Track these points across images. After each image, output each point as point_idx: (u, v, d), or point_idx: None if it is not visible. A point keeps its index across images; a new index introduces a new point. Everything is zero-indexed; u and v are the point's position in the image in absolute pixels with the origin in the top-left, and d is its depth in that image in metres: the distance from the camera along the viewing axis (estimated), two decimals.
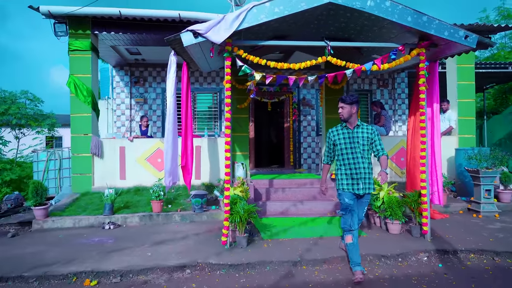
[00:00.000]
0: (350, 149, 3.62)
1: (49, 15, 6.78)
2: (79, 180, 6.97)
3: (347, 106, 3.60)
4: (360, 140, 3.62)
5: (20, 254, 4.26)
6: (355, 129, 3.66)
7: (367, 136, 3.65)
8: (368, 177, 3.62)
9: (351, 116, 3.63)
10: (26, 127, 12.30)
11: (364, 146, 3.62)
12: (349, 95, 3.67)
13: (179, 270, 3.77)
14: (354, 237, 3.60)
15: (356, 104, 3.62)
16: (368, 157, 3.65)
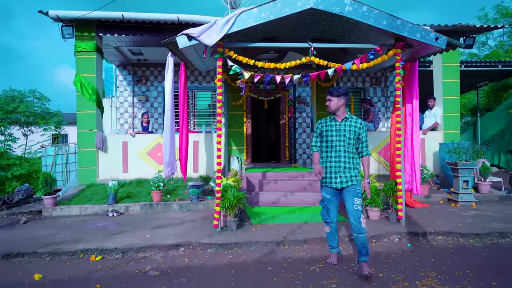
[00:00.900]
0: (335, 141, 3.55)
1: (57, 19, 7.26)
2: (85, 173, 7.46)
3: (334, 99, 3.54)
4: (347, 133, 3.52)
5: (33, 236, 4.75)
6: (342, 122, 3.57)
7: (354, 130, 3.53)
8: (349, 171, 3.52)
9: (338, 109, 3.56)
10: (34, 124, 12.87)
11: (350, 139, 3.52)
12: (337, 87, 3.61)
13: (174, 249, 4.24)
14: (331, 228, 3.68)
15: (343, 96, 3.54)
16: (353, 151, 3.56)
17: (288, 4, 4.59)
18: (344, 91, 3.57)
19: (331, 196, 3.62)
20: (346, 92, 3.59)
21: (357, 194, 3.51)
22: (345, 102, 3.59)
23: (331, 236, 3.74)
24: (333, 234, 3.72)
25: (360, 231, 3.42)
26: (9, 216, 6.36)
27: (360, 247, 3.43)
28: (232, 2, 7.39)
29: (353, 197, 3.50)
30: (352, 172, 3.54)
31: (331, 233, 3.71)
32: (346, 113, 3.61)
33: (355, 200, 3.49)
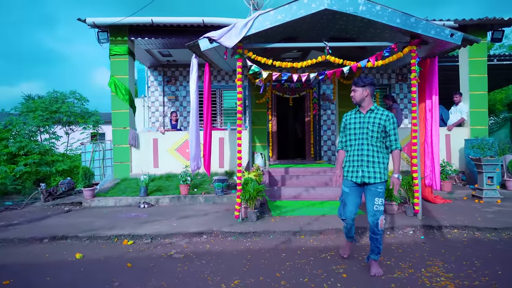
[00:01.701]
0: (358, 134, 3.33)
1: (93, 25, 7.87)
2: (119, 168, 8.05)
3: (359, 89, 3.33)
4: (370, 126, 3.28)
5: (75, 223, 5.29)
6: (367, 114, 3.33)
7: (378, 123, 3.27)
8: (372, 165, 3.27)
9: (363, 100, 3.33)
10: (74, 124, 13.83)
11: (373, 132, 3.27)
12: (362, 77, 3.43)
13: (197, 236, 4.61)
14: (347, 224, 3.49)
15: (369, 86, 3.32)
16: (378, 145, 3.29)
17: (303, 6, 4.81)
18: (370, 81, 3.34)
19: (350, 190, 3.38)
20: (372, 82, 3.36)
21: (379, 194, 3.24)
22: (371, 92, 3.34)
23: (347, 231, 3.60)
24: (349, 229, 3.55)
25: (376, 232, 3.26)
26: (54, 206, 7.02)
27: (373, 246, 3.31)
28: (254, 4, 7.68)
29: (374, 197, 3.25)
30: (376, 168, 3.26)
31: (347, 228, 3.55)
32: (371, 104, 3.36)
33: (375, 200, 3.24)
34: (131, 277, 3.28)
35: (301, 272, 3.36)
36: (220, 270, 3.44)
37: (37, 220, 5.73)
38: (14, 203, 7.89)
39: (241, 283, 3.09)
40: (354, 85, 3.39)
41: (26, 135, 11.90)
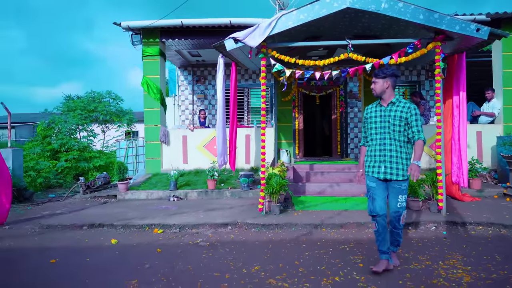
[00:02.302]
0: (380, 128, 3.22)
1: (128, 28, 8.33)
2: (151, 163, 8.48)
3: (379, 81, 3.21)
4: (391, 119, 3.16)
5: (110, 213, 5.70)
6: (388, 107, 3.21)
7: (400, 116, 3.14)
8: (395, 161, 3.15)
9: (384, 92, 3.21)
10: (110, 122, 14.54)
11: (395, 126, 3.15)
12: (383, 68, 3.30)
13: (222, 227, 4.85)
14: (378, 224, 3.20)
15: (390, 78, 3.19)
16: (400, 139, 3.16)
17: (325, 5, 4.93)
18: (391, 72, 3.20)
19: (377, 185, 3.22)
20: (394, 74, 3.22)
21: (402, 191, 3.16)
22: (392, 84, 3.22)
23: (379, 236, 3.21)
24: (381, 233, 3.19)
25: (397, 227, 3.22)
26: (92, 198, 7.54)
27: (393, 239, 3.27)
28: (280, 3, 7.82)
29: (398, 194, 3.15)
30: (400, 165, 3.14)
31: (379, 232, 3.19)
32: (393, 96, 3.23)
33: (399, 197, 3.15)
34: (160, 261, 3.56)
35: (319, 261, 3.51)
36: (242, 257, 3.65)
37: (77, 210, 6.21)
38: (56, 195, 8.51)
39: (261, 269, 3.29)
40: (375, 76, 3.26)
41: (67, 132, 12.68)
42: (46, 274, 3.21)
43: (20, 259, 3.69)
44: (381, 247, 3.22)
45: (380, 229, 3.20)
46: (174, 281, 3.02)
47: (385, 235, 3.21)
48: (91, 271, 3.29)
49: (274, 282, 2.97)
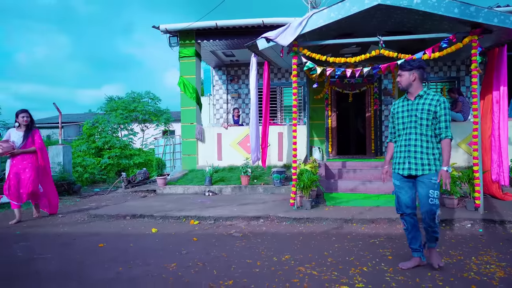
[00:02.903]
0: (407, 123, 3.10)
1: (166, 31, 8.74)
2: (187, 160, 8.84)
3: (405, 73, 3.08)
4: (419, 113, 3.02)
5: (150, 205, 6.07)
6: (415, 100, 3.07)
7: (428, 109, 2.99)
8: (419, 156, 3.02)
9: (410, 85, 3.07)
10: (148, 121, 15.23)
11: (422, 120, 3.01)
12: (410, 60, 3.19)
13: (255, 219, 5.04)
14: (406, 222, 3.15)
15: (416, 70, 3.05)
16: (428, 133, 3.03)
17: (355, 2, 4.97)
18: (418, 64, 3.07)
19: (401, 183, 3.14)
20: (421, 65, 3.08)
21: (433, 186, 2.96)
22: (420, 76, 3.07)
23: (408, 234, 3.17)
24: (410, 231, 3.14)
25: (432, 226, 3.00)
26: (133, 192, 8.00)
27: (429, 236, 3.08)
28: (312, 2, 7.90)
29: (428, 189, 2.97)
30: (425, 160, 3.00)
31: (408, 230, 3.15)
32: (420, 89, 3.09)
33: (430, 192, 2.96)
34: (196, 248, 3.80)
35: (348, 252, 3.59)
36: (273, 247, 3.81)
37: (120, 202, 6.65)
38: (101, 189, 9.11)
39: (291, 258, 3.43)
40: (400, 69, 3.13)
41: (110, 131, 13.47)
42: (95, 255, 3.54)
43: (73, 242, 4.07)
44: (412, 245, 3.16)
45: (409, 227, 3.14)
46: (209, 266, 3.24)
47: (415, 233, 3.14)
48: (134, 254, 3.59)
49: (303, 270, 3.11)
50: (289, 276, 2.97)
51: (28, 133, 5.27)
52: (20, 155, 5.17)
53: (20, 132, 5.26)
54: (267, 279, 2.89)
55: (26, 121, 5.25)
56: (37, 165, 5.29)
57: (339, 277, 2.93)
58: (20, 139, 5.21)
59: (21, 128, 5.27)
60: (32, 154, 5.27)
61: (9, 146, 5.09)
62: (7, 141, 5.14)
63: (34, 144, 5.28)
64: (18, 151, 5.14)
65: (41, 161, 5.35)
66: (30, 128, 5.31)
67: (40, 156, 5.33)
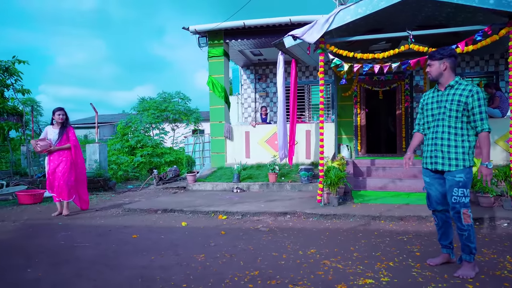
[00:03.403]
0: (436, 115, 2.92)
1: (195, 32, 8.96)
2: (216, 158, 9.02)
3: (435, 63, 2.90)
4: (448, 104, 2.84)
5: (180, 201, 6.28)
6: (446, 91, 2.89)
7: (458, 100, 2.80)
8: (446, 150, 2.86)
9: (441, 75, 2.89)
10: (179, 121, 15.62)
11: (451, 111, 2.82)
12: (440, 49, 2.96)
13: (281, 215, 5.10)
14: (437, 218, 3.06)
15: (447, 59, 2.86)
16: (458, 126, 2.84)
17: None
18: (449, 53, 2.88)
19: (431, 179, 3.02)
20: (452, 54, 2.88)
21: (457, 184, 2.79)
22: (451, 66, 2.88)
23: (439, 230, 3.08)
24: (441, 227, 3.05)
25: (461, 228, 2.80)
26: (164, 189, 8.28)
27: (462, 244, 2.86)
28: None
29: (452, 187, 2.82)
30: (453, 154, 2.83)
31: (439, 225, 3.07)
32: (452, 79, 2.89)
33: (454, 191, 2.80)
34: (224, 241, 3.91)
35: (374, 248, 3.57)
36: (299, 241, 3.86)
37: (152, 198, 6.91)
38: (134, 186, 9.47)
39: (316, 252, 3.47)
40: (430, 58, 2.95)
41: (142, 130, 13.95)
42: (129, 245, 3.73)
43: (109, 233, 4.30)
44: (441, 241, 3.09)
45: (440, 223, 3.06)
46: (236, 257, 3.33)
47: (446, 229, 3.04)
48: (165, 245, 3.75)
49: (328, 263, 3.13)
50: (314, 268, 3.01)
51: (63, 130, 5.48)
52: (56, 152, 5.41)
53: (55, 129, 5.48)
54: (292, 271, 2.95)
55: (62, 118, 5.46)
56: (71, 161, 5.49)
57: (364, 271, 2.93)
58: (55, 136, 5.43)
59: (57, 126, 5.50)
60: (67, 151, 5.48)
61: (46, 144, 5.34)
62: (44, 139, 5.39)
63: (68, 141, 5.49)
64: (54, 148, 5.37)
65: (74, 157, 5.53)
66: (65, 126, 5.52)
67: (73, 153, 5.52)
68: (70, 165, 5.47)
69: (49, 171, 5.43)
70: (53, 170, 5.40)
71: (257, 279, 2.78)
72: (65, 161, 5.42)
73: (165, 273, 2.94)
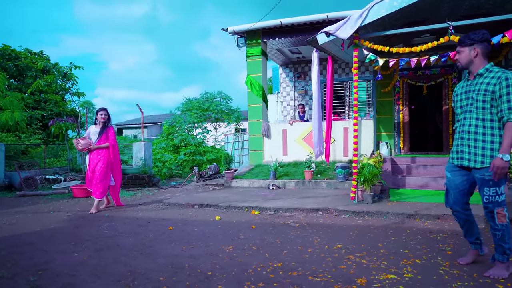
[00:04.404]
0: (464, 106, 2.72)
1: (233, 33, 9.19)
2: (254, 155, 9.19)
3: (465, 49, 2.67)
4: (475, 94, 2.64)
5: (216, 196, 6.51)
6: (475, 80, 2.68)
7: (485, 89, 2.58)
8: (473, 144, 2.65)
9: (471, 62, 2.66)
10: (220, 120, 16.03)
11: (478, 102, 2.62)
12: (471, 33, 2.68)
13: (313, 212, 5.12)
14: (457, 218, 2.91)
15: (478, 44, 2.62)
16: (486, 117, 2.61)
17: None
18: (481, 37, 2.63)
19: (452, 175, 2.82)
20: (484, 38, 2.63)
21: (488, 183, 2.59)
22: (483, 51, 2.64)
23: (462, 228, 2.93)
24: (463, 226, 2.90)
25: (494, 227, 2.63)
26: (204, 186, 8.61)
27: (495, 243, 2.69)
28: None
29: (483, 186, 2.63)
30: (479, 150, 2.62)
31: (460, 224, 2.92)
32: (482, 66, 2.66)
33: (485, 190, 2.62)
34: (253, 234, 4.03)
35: (403, 245, 3.50)
36: (327, 237, 3.88)
37: (191, 194, 7.24)
38: (177, 183, 9.93)
39: (343, 247, 3.47)
40: (459, 45, 2.71)
41: (185, 129, 14.52)
42: (165, 236, 3.99)
43: (148, 225, 4.61)
44: (467, 238, 2.95)
45: (461, 222, 2.89)
46: (262, 250, 3.44)
47: (469, 226, 2.87)
48: (197, 237, 3.95)
49: (352, 258, 3.14)
50: (337, 262, 3.03)
51: (104, 129, 5.68)
52: (95, 150, 5.61)
53: (97, 128, 5.69)
54: (315, 264, 3.00)
55: (104, 118, 5.67)
56: (108, 160, 5.65)
57: (388, 266, 2.90)
58: (96, 135, 5.65)
59: (99, 125, 5.71)
60: (106, 150, 5.66)
61: (87, 143, 5.58)
62: (85, 138, 5.66)
63: (108, 140, 5.68)
64: (94, 147, 5.59)
65: (112, 156, 5.69)
66: (106, 125, 5.73)
67: (111, 152, 5.68)
68: (107, 164, 5.63)
69: (89, 168, 5.65)
70: (93, 168, 5.60)
71: (279, 270, 2.87)
72: (102, 160, 5.59)
73: (193, 262, 3.12)
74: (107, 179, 5.68)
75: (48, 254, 3.39)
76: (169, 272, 2.88)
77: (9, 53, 15.28)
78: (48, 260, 3.22)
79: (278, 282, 2.64)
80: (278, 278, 2.72)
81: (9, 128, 12.02)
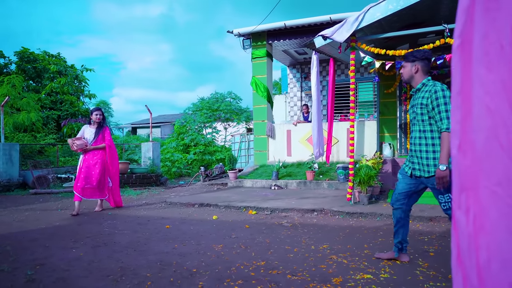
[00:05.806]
0: (412, 120, 2.92)
1: (239, 35, 9.33)
2: (259, 155, 9.31)
3: (407, 65, 2.86)
4: (415, 108, 2.82)
5: (218, 196, 6.67)
6: (416, 94, 2.86)
7: (421, 102, 2.74)
8: (419, 155, 2.79)
9: (412, 78, 2.84)
10: (230, 120, 16.20)
11: (418, 115, 2.80)
12: (415, 50, 2.91)
13: (309, 212, 5.22)
14: (393, 215, 3.12)
15: (420, 61, 2.79)
16: (426, 129, 2.76)
17: None
18: (422, 55, 2.80)
19: (402, 177, 3.02)
20: (426, 57, 2.80)
21: (439, 190, 2.68)
22: (423, 68, 2.79)
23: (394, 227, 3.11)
24: (395, 225, 3.09)
25: None
26: (209, 185, 8.79)
27: None
28: None
29: (437, 195, 2.76)
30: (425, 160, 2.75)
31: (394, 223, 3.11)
32: (422, 80, 2.81)
33: (439, 198, 2.74)
34: (245, 234, 4.16)
35: (389, 246, 3.57)
36: (316, 237, 3.97)
37: (195, 193, 7.42)
38: (185, 182, 10.16)
39: (328, 247, 3.57)
40: (404, 60, 2.90)
41: (196, 129, 14.76)
42: (160, 234, 4.16)
43: (147, 223, 4.80)
44: (394, 238, 3.12)
45: (395, 221, 3.08)
46: (250, 249, 3.57)
47: (399, 228, 3.07)
48: (191, 235, 4.11)
49: (335, 258, 3.23)
50: (319, 262, 3.13)
51: (100, 130, 5.52)
52: (91, 151, 5.43)
53: (92, 129, 5.53)
54: (297, 263, 3.11)
55: (99, 118, 5.53)
56: (105, 161, 5.51)
57: (367, 267, 2.99)
58: (92, 136, 5.47)
59: (94, 125, 5.54)
60: (102, 151, 5.51)
61: (82, 143, 5.38)
62: (80, 139, 5.44)
63: (104, 140, 5.52)
64: (90, 147, 5.40)
65: (109, 157, 5.55)
66: (102, 125, 5.58)
67: (108, 152, 5.53)
68: (103, 166, 5.50)
69: (81, 168, 5.41)
70: (86, 168, 5.40)
71: (261, 269, 2.99)
72: (99, 162, 5.45)
73: (182, 259, 3.27)
74: (105, 182, 5.59)
75: (49, 250, 3.61)
76: (156, 268, 3.04)
77: (28, 55, 15.85)
78: (47, 255, 3.44)
79: (257, 280, 2.76)
80: (258, 276, 2.84)
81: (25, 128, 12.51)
